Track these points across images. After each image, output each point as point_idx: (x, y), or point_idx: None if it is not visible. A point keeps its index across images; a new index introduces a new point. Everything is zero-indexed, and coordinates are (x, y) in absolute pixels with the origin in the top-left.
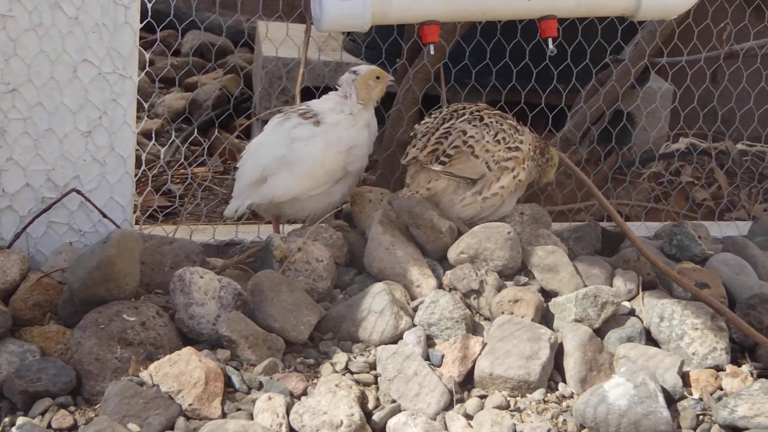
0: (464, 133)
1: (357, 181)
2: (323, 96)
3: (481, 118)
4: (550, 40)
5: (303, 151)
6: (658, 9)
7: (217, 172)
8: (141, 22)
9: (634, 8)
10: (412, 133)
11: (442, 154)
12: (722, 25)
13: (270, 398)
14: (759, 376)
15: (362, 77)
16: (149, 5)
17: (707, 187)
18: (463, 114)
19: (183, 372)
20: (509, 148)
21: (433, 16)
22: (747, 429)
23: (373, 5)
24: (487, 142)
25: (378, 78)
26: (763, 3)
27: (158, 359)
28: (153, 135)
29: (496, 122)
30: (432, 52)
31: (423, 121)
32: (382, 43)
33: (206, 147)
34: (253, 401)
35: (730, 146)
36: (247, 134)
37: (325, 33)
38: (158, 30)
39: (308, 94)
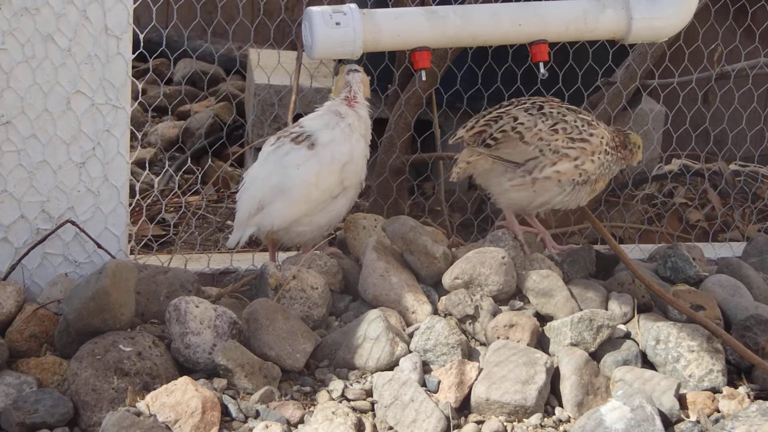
0: (515, 119)
1: (358, 192)
2: (318, 109)
3: (541, 107)
4: (541, 64)
5: (296, 177)
6: (648, 32)
7: (211, 200)
8: (133, 53)
9: (625, 32)
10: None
11: (489, 137)
12: (713, 46)
13: (267, 427)
14: (756, 398)
15: (363, 76)
16: (141, 36)
17: (701, 208)
18: (524, 104)
19: (180, 401)
20: (571, 138)
21: (423, 42)
22: None
23: (364, 32)
24: (540, 129)
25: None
26: (753, 23)
27: (155, 389)
28: (146, 164)
29: (557, 113)
30: (423, 78)
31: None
32: (374, 70)
33: (200, 175)
34: (251, 430)
35: (723, 167)
36: (240, 162)
37: (317, 60)
38: (150, 60)
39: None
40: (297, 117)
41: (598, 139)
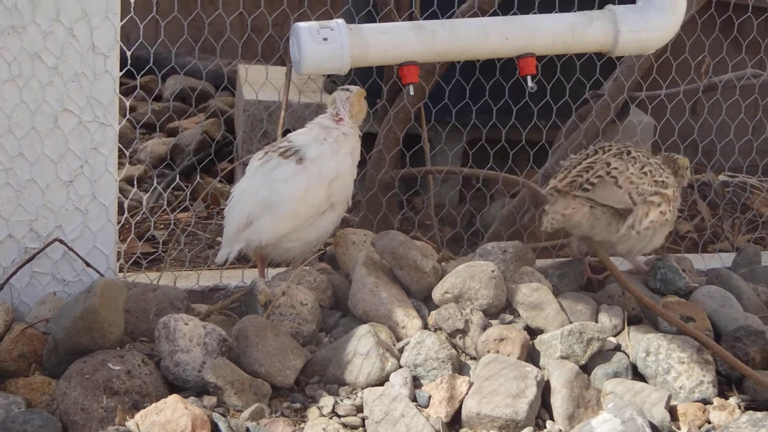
0: (608, 164)
1: (345, 209)
2: (308, 123)
3: (629, 152)
4: (529, 78)
5: (284, 192)
6: (635, 44)
7: (201, 217)
8: (121, 70)
9: (612, 44)
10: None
11: (585, 182)
12: (700, 57)
13: None
14: (746, 409)
15: (356, 94)
16: (128, 53)
17: (690, 220)
18: (610, 149)
19: (169, 420)
20: (656, 181)
21: (411, 56)
22: None
23: (351, 48)
24: (632, 173)
25: (365, 99)
26: (739, 35)
27: (144, 408)
28: (135, 181)
29: (644, 156)
30: (412, 93)
31: (569, 157)
32: (362, 84)
33: (189, 192)
34: None
35: (711, 178)
36: (230, 178)
37: (306, 75)
38: (138, 77)
39: None
40: (286, 132)
41: (671, 190)
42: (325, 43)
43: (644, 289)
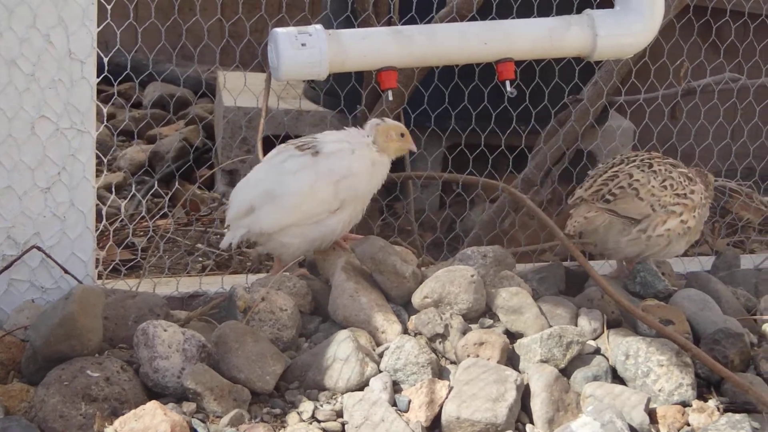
0: (630, 176)
1: (357, 214)
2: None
3: (651, 165)
4: (507, 83)
5: (290, 184)
6: (613, 49)
7: (180, 223)
8: (98, 76)
9: (590, 49)
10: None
11: (608, 192)
12: (678, 62)
13: None
14: (725, 411)
15: (386, 126)
16: (105, 60)
17: None
18: (634, 161)
19: (148, 426)
20: (677, 194)
21: (390, 62)
22: None
23: (330, 53)
24: (653, 186)
25: (402, 136)
26: (717, 39)
27: (123, 414)
28: (115, 188)
29: (665, 170)
30: (390, 98)
31: (597, 167)
32: (341, 90)
33: (168, 199)
34: None
35: None
36: (209, 185)
37: (285, 81)
38: (116, 84)
39: (268, 144)
40: (266, 139)
41: (697, 196)
42: (303, 49)
43: (624, 292)
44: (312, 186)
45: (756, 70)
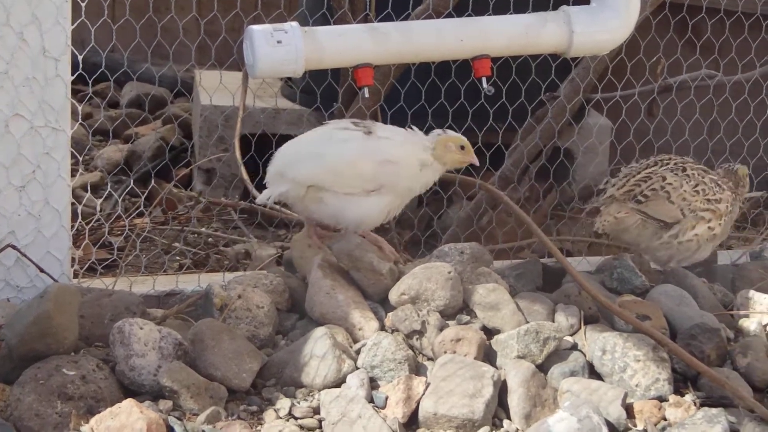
0: (663, 179)
1: (396, 205)
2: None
3: (684, 169)
4: (484, 79)
5: (334, 148)
6: (589, 45)
7: (157, 222)
8: (73, 74)
9: (566, 45)
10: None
11: (640, 194)
12: (654, 58)
13: None
14: (702, 405)
15: (446, 137)
16: (80, 57)
17: None
18: (667, 164)
19: (125, 424)
20: (708, 200)
21: (366, 59)
22: None
23: (306, 50)
24: (685, 191)
25: (462, 148)
26: (694, 36)
27: (99, 412)
28: (92, 188)
29: (698, 174)
30: (367, 95)
31: (629, 165)
32: (317, 88)
33: (145, 197)
34: None
35: None
36: (186, 183)
37: (262, 79)
38: (90, 82)
39: (245, 142)
40: (243, 137)
41: (724, 205)
42: (279, 46)
43: (601, 288)
44: (354, 157)
45: (732, 66)
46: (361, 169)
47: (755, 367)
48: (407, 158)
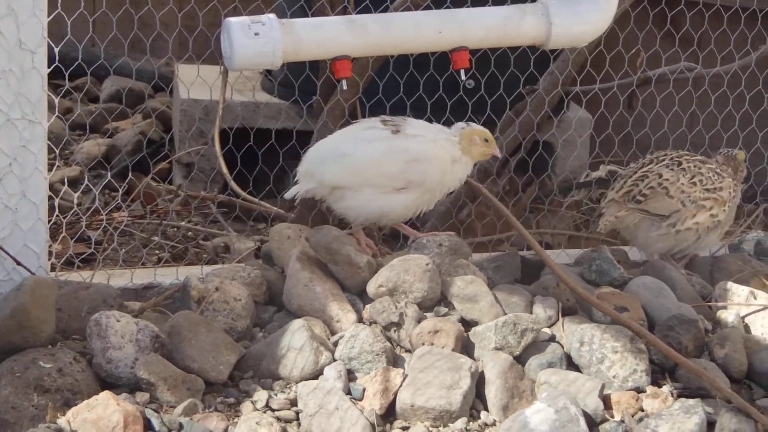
0: (660, 176)
1: (428, 202)
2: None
3: (680, 163)
4: (462, 72)
5: (361, 149)
6: (568, 37)
7: (135, 216)
8: (48, 67)
9: (545, 38)
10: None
11: (638, 193)
12: (633, 50)
13: None
14: (679, 396)
15: (471, 129)
16: (56, 49)
17: None
18: (663, 160)
19: (101, 417)
20: (707, 189)
21: (344, 51)
22: None
23: (283, 42)
24: (682, 183)
25: (486, 141)
26: (672, 28)
27: (76, 405)
28: (70, 182)
29: (694, 167)
30: (345, 88)
31: (628, 167)
32: (295, 81)
33: (125, 191)
34: None
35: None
36: (166, 177)
37: (244, 73)
38: (67, 75)
39: (224, 136)
40: (222, 132)
41: (727, 191)
42: (256, 38)
43: (579, 280)
44: (380, 157)
45: (711, 59)
46: (387, 169)
47: (733, 358)
48: (438, 154)
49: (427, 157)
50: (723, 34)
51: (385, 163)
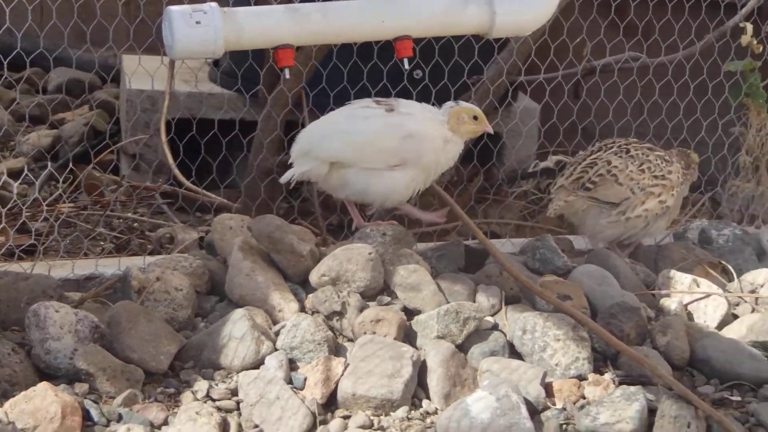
0: (609, 163)
1: (423, 182)
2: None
3: (628, 151)
4: (406, 60)
5: (358, 125)
6: (511, 26)
7: (78, 207)
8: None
9: (488, 26)
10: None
11: (588, 181)
12: (578, 40)
13: (129, 429)
14: (621, 383)
15: (460, 107)
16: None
17: None
18: (611, 147)
19: (39, 408)
20: (655, 176)
21: (286, 40)
22: None
23: (225, 31)
24: (631, 171)
25: (475, 118)
26: (617, 17)
27: (14, 396)
28: (15, 174)
29: (642, 154)
30: (288, 76)
31: (577, 155)
32: (238, 70)
33: (70, 182)
34: None
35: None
36: (112, 169)
37: (188, 62)
38: (5, 63)
39: (169, 126)
40: (168, 123)
41: (675, 176)
42: (197, 27)
43: (523, 269)
44: (376, 132)
45: (656, 48)
46: (384, 144)
47: (674, 345)
48: (430, 133)
49: (421, 134)
50: (667, 24)
51: (381, 139)
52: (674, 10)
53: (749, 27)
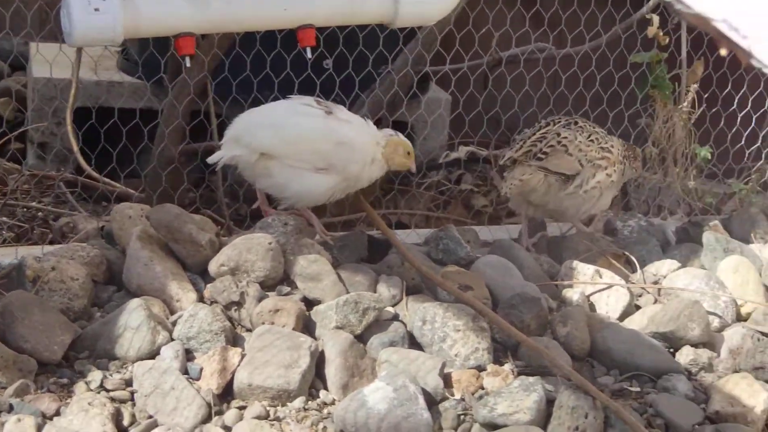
0: (558, 134)
1: (343, 185)
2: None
3: (576, 122)
4: (308, 50)
5: (293, 120)
6: (415, 16)
7: None
8: None
9: (392, 15)
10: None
11: (539, 152)
12: (484, 30)
13: (19, 420)
14: (520, 374)
15: (399, 140)
16: None
17: (486, 195)
18: (559, 121)
19: None
20: (601, 147)
21: (186, 28)
22: (506, 426)
23: (124, 18)
24: (580, 142)
25: (408, 154)
26: (524, 8)
27: None
28: None
29: (590, 125)
30: (188, 65)
31: (524, 131)
32: (138, 57)
33: None
34: (2, 424)
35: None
36: (13, 157)
37: (88, 50)
38: None
39: (81, 115)
40: (77, 111)
41: (616, 150)
42: (96, 14)
43: (425, 259)
44: (312, 132)
45: (562, 39)
46: (317, 145)
47: (574, 336)
48: (364, 147)
49: (355, 144)
50: (574, 15)
51: (316, 140)
52: (581, 2)
53: (656, 18)
